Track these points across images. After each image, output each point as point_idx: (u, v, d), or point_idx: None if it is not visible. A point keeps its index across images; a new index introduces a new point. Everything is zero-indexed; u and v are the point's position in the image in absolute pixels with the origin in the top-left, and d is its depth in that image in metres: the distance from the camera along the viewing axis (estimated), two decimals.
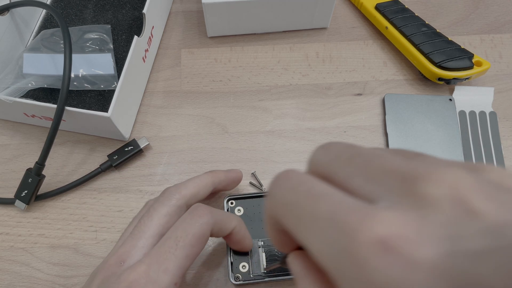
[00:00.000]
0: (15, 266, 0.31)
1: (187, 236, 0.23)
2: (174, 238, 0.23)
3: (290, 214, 0.14)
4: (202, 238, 0.24)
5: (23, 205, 0.32)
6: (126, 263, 0.23)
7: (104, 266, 0.24)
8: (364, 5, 0.42)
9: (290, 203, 0.14)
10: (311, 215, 0.13)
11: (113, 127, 0.33)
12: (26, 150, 0.36)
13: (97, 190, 0.34)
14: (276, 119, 0.38)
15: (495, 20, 0.43)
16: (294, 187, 0.14)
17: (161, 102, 0.38)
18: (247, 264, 0.28)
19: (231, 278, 0.28)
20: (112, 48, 0.38)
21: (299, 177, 0.15)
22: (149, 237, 0.24)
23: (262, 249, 0.29)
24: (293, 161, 0.36)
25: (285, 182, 0.15)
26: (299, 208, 0.13)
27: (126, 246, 0.24)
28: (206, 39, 0.42)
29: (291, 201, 0.14)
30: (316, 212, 0.13)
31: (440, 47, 0.37)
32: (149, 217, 0.25)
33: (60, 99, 0.30)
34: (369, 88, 0.39)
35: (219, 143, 0.36)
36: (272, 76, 0.40)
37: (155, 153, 0.36)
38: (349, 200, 0.12)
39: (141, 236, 0.24)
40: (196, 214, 0.24)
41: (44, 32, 0.38)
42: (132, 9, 0.41)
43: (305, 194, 0.14)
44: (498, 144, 0.36)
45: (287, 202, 0.14)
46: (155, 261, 0.22)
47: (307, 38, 0.42)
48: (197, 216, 0.24)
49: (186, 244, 0.23)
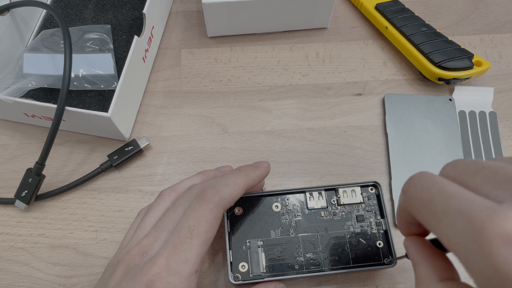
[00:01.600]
0: (15, 266, 0.31)
1: (200, 223, 0.23)
2: (187, 227, 0.23)
3: (424, 209, 0.17)
4: (215, 221, 0.24)
5: (23, 205, 0.32)
6: (148, 255, 0.23)
7: (126, 255, 0.24)
8: (364, 5, 0.42)
9: (425, 200, 0.17)
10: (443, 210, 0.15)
11: (113, 127, 0.33)
12: (26, 150, 0.36)
13: (97, 190, 0.34)
14: (276, 119, 0.38)
15: (495, 20, 0.43)
16: (429, 187, 0.17)
17: (161, 102, 0.38)
18: (246, 264, 0.28)
19: (231, 278, 0.28)
20: (112, 48, 0.38)
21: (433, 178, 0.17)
22: (172, 231, 0.24)
23: (261, 249, 0.29)
24: (293, 161, 0.36)
25: (420, 182, 0.18)
26: (433, 204, 0.16)
27: (149, 238, 0.24)
28: (206, 39, 0.42)
29: (426, 198, 0.17)
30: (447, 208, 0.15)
31: (440, 47, 0.37)
32: (175, 211, 0.25)
33: (60, 99, 0.30)
34: (369, 88, 0.39)
35: (219, 143, 0.36)
36: (272, 76, 0.40)
37: (155, 153, 0.36)
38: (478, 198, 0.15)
39: (164, 229, 0.24)
40: (205, 199, 0.24)
41: (44, 32, 0.38)
42: (132, 9, 0.41)
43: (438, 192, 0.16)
44: (498, 144, 0.36)
45: (422, 199, 0.17)
46: (173, 252, 0.23)
47: (307, 38, 0.42)
48: (206, 202, 0.24)
49: (200, 231, 0.23)
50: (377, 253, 0.29)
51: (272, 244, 0.29)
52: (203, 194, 0.25)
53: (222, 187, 0.25)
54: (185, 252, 0.23)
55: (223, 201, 0.25)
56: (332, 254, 0.29)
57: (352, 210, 0.30)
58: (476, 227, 0.14)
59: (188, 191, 0.27)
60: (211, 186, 0.25)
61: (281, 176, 0.35)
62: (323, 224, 0.30)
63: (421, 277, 0.19)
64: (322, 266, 0.28)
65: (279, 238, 0.29)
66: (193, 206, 0.24)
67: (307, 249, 0.29)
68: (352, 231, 0.29)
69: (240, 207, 0.30)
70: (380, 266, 0.28)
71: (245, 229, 0.29)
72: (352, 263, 0.28)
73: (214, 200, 0.24)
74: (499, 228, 0.13)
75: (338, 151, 0.36)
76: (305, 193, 0.31)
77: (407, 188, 0.19)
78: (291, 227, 0.30)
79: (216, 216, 0.24)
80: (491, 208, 0.14)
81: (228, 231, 0.29)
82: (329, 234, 0.29)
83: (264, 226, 0.30)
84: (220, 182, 0.26)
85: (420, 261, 0.19)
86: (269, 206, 0.30)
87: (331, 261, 0.29)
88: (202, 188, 0.25)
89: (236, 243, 0.29)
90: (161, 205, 0.27)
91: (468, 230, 0.14)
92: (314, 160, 0.36)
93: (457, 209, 0.15)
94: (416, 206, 0.18)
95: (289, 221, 0.30)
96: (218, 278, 0.31)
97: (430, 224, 0.17)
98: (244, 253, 0.29)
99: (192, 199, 0.25)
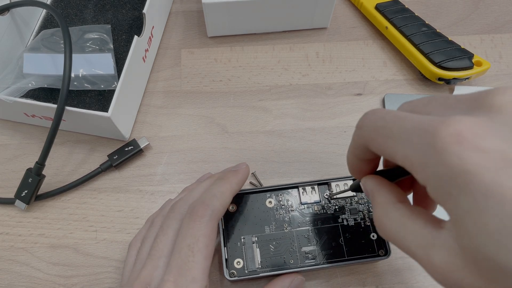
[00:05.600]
0: (15, 266, 0.31)
1: (199, 239, 0.23)
2: (187, 246, 0.23)
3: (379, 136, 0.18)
4: (212, 234, 0.24)
5: (23, 205, 0.32)
6: (152, 286, 0.23)
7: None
8: (364, 5, 0.42)
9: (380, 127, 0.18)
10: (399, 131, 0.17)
11: (113, 127, 0.33)
12: (26, 150, 0.36)
13: (97, 190, 0.34)
14: (276, 119, 0.38)
15: (495, 20, 0.43)
16: (383, 116, 0.18)
17: (161, 102, 0.38)
18: (241, 260, 0.28)
19: (226, 274, 0.28)
20: (112, 48, 0.38)
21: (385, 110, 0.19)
22: (169, 254, 0.24)
23: (256, 245, 0.29)
24: (293, 161, 0.36)
25: (374, 114, 0.19)
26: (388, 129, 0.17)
27: (147, 268, 0.24)
28: (206, 39, 0.42)
29: (381, 125, 0.18)
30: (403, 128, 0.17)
31: (440, 47, 0.37)
32: (164, 234, 0.25)
33: (60, 99, 0.30)
34: (369, 88, 0.39)
35: (219, 143, 0.36)
36: (272, 76, 0.40)
37: (155, 153, 0.36)
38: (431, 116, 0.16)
39: (161, 255, 0.24)
40: (197, 215, 0.24)
41: (44, 32, 0.38)
42: (132, 9, 0.41)
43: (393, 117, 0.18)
44: None
45: (377, 127, 0.18)
46: (179, 275, 0.22)
47: (307, 38, 0.42)
48: (199, 217, 0.24)
49: (201, 247, 0.23)
50: (371, 245, 0.29)
51: (267, 240, 0.29)
52: (194, 210, 0.25)
53: (211, 200, 0.25)
54: (190, 271, 0.22)
55: (215, 213, 0.25)
56: (327, 247, 0.29)
57: (345, 203, 0.30)
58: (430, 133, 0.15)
59: (171, 211, 0.26)
60: (199, 201, 0.25)
61: (281, 176, 0.35)
62: (316, 218, 0.30)
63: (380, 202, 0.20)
64: (317, 260, 0.28)
65: (273, 233, 0.29)
66: (187, 224, 0.24)
67: (301, 243, 0.29)
68: (346, 224, 0.30)
69: (234, 204, 0.30)
70: (375, 258, 0.29)
71: (239, 226, 0.30)
72: (347, 256, 0.29)
73: (206, 214, 0.24)
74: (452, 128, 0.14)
75: (338, 151, 0.36)
76: (298, 188, 0.31)
77: (362, 122, 0.20)
78: (285, 222, 0.30)
79: (212, 229, 0.24)
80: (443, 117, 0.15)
81: (222, 228, 0.29)
82: (323, 228, 0.30)
83: (258, 222, 0.30)
84: (207, 195, 0.26)
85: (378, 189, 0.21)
86: (263, 202, 0.30)
87: (326, 254, 0.29)
88: (192, 205, 0.25)
89: (231, 240, 0.29)
90: (152, 232, 0.27)
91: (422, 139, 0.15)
92: (314, 160, 0.36)
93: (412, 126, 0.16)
94: (371, 136, 0.19)
95: (283, 216, 0.30)
96: (213, 274, 0.31)
97: (386, 148, 0.18)
98: (239, 250, 0.29)
99: (184, 218, 0.25)
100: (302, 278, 0.28)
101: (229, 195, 0.27)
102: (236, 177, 0.28)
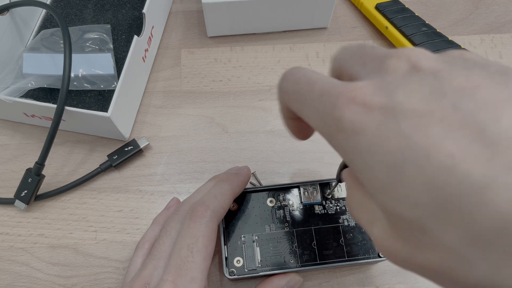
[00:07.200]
0: (15, 266, 0.31)
1: (198, 240, 0.23)
2: (186, 246, 0.23)
3: (295, 100, 0.18)
4: (212, 235, 0.24)
5: (23, 205, 0.32)
6: (151, 286, 0.23)
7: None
8: (364, 5, 0.42)
9: (294, 91, 0.18)
10: (308, 97, 0.17)
11: (113, 127, 0.33)
12: (26, 150, 0.36)
13: (97, 190, 0.34)
14: (276, 119, 0.38)
15: (495, 20, 0.43)
16: (297, 79, 0.18)
17: (161, 102, 0.38)
18: (241, 259, 0.28)
19: (226, 272, 0.28)
20: (112, 48, 0.38)
21: (303, 71, 0.18)
22: (169, 255, 0.24)
23: (256, 244, 0.29)
24: (293, 161, 0.35)
25: (290, 76, 0.19)
26: (301, 94, 0.17)
27: (148, 268, 0.24)
28: (206, 39, 0.42)
29: (295, 90, 0.18)
30: (311, 94, 0.17)
31: (441, 47, 0.37)
32: (168, 235, 0.25)
33: (60, 99, 0.30)
34: None
35: (219, 143, 0.36)
36: (272, 76, 0.40)
37: (155, 153, 0.36)
38: (337, 81, 0.16)
39: (161, 256, 0.24)
40: (197, 215, 0.24)
41: (44, 32, 0.38)
42: (132, 9, 0.41)
43: (305, 82, 0.17)
44: None
45: (292, 91, 0.18)
46: (177, 275, 0.22)
47: (307, 38, 0.42)
48: (199, 218, 0.24)
49: (200, 248, 0.23)
50: (372, 246, 0.29)
51: (267, 239, 0.29)
52: (194, 211, 0.25)
53: (211, 201, 0.25)
54: (189, 271, 0.23)
55: (215, 214, 0.25)
56: (327, 248, 0.29)
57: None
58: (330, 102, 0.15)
59: (176, 212, 0.27)
60: (200, 202, 0.25)
61: (281, 176, 0.35)
62: (317, 218, 0.30)
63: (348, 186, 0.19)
64: (317, 260, 0.28)
65: (274, 232, 0.29)
66: (187, 225, 0.24)
67: (302, 243, 0.29)
68: (346, 225, 0.30)
69: (235, 202, 0.30)
70: (375, 259, 0.29)
71: (240, 224, 0.30)
72: (347, 257, 0.29)
73: (206, 214, 0.24)
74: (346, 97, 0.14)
75: None
76: (299, 188, 0.31)
77: (280, 83, 0.19)
78: (285, 222, 0.30)
79: (212, 230, 0.24)
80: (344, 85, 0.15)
81: (223, 226, 0.29)
82: (323, 228, 0.30)
83: (259, 221, 0.30)
84: (208, 196, 0.26)
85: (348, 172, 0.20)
86: (264, 201, 0.30)
87: (326, 254, 0.29)
88: (192, 206, 0.25)
89: (231, 239, 0.29)
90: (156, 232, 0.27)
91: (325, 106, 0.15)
92: (314, 160, 0.36)
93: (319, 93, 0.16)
94: (289, 99, 0.19)
95: (284, 215, 0.30)
96: (213, 273, 0.31)
97: (301, 115, 0.18)
98: (239, 248, 0.29)
99: (184, 219, 0.25)
100: (299, 279, 0.28)
101: (230, 197, 0.27)
102: (237, 179, 0.28)
